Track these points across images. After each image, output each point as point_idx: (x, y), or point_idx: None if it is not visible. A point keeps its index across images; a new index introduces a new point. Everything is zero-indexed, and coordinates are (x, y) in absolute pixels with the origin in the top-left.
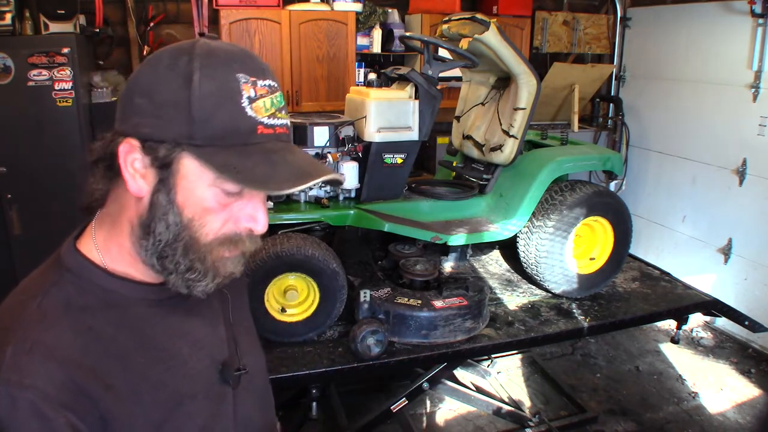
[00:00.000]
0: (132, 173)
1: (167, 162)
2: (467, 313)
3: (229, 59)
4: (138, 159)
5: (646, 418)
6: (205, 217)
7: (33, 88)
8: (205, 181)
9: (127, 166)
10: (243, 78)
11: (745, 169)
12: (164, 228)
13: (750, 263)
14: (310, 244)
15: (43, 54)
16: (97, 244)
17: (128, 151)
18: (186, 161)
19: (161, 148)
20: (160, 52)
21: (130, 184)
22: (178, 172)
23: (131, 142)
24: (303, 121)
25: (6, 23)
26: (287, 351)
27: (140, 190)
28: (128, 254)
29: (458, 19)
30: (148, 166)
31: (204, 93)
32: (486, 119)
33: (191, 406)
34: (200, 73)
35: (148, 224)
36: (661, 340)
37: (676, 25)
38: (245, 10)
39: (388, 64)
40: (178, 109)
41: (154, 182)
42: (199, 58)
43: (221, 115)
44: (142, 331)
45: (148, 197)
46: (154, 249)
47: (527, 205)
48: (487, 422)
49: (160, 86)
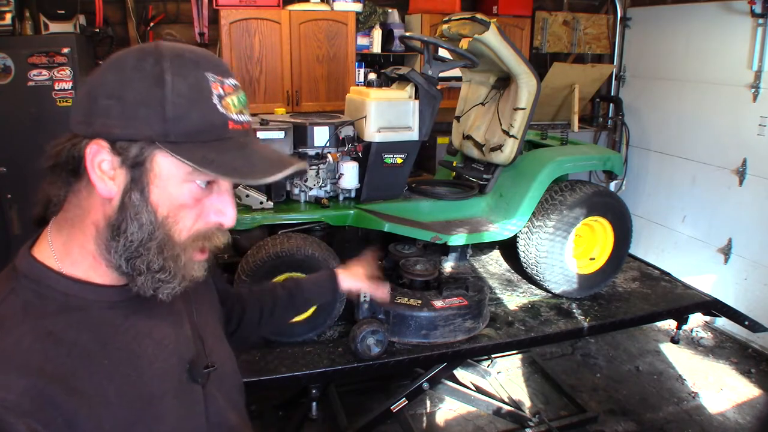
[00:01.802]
0: (100, 175)
1: (139, 161)
2: (467, 313)
3: (196, 60)
4: (107, 160)
5: (646, 418)
6: (179, 213)
7: (33, 88)
8: (179, 177)
9: (95, 167)
10: (211, 77)
11: (745, 169)
12: (137, 228)
13: (750, 263)
14: (310, 244)
15: (43, 54)
16: (54, 249)
17: (96, 152)
18: (159, 159)
19: (133, 147)
20: (122, 54)
21: (99, 186)
22: (151, 170)
23: (100, 143)
24: (303, 121)
25: (6, 23)
26: (287, 351)
27: (110, 191)
28: (91, 257)
29: (458, 19)
30: (118, 167)
31: (177, 91)
32: (486, 119)
33: (160, 406)
34: (171, 72)
35: (118, 225)
36: (661, 340)
37: (676, 25)
38: (245, 10)
39: (388, 64)
40: (151, 108)
41: (124, 182)
42: (167, 59)
43: (195, 113)
44: (105, 333)
45: (118, 198)
46: (124, 249)
47: (527, 205)
48: (487, 422)
49: (129, 87)
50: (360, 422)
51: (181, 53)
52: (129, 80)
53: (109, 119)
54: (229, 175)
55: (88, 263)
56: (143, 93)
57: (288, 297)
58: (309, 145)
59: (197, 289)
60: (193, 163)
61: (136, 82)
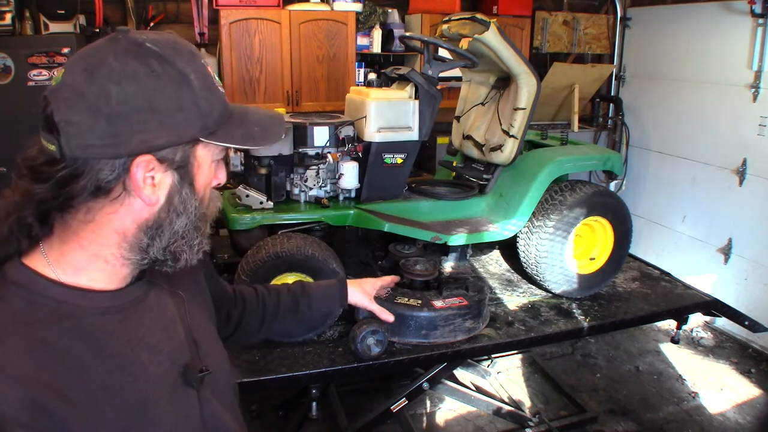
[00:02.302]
0: (150, 189)
1: (185, 161)
2: (467, 313)
3: (188, 49)
4: (156, 171)
5: (646, 418)
6: (207, 189)
7: (33, 88)
8: (211, 160)
9: (145, 184)
10: (204, 62)
11: (745, 169)
12: (184, 218)
13: (750, 263)
14: (310, 244)
15: (43, 54)
16: (49, 258)
17: (145, 169)
18: (199, 150)
19: (178, 151)
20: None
21: (149, 197)
22: (194, 163)
23: (147, 160)
24: (303, 121)
25: (6, 23)
26: (287, 351)
27: (157, 198)
28: (102, 261)
29: (458, 19)
30: (162, 173)
31: (199, 86)
32: (486, 119)
33: (155, 412)
34: (190, 70)
35: (159, 225)
36: (661, 340)
37: (676, 25)
38: (245, 10)
39: (388, 64)
40: (186, 109)
41: (170, 184)
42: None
43: (215, 100)
44: (98, 339)
45: (162, 201)
46: (167, 241)
47: (527, 205)
48: (487, 422)
49: (156, 96)
50: (360, 422)
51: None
52: (153, 88)
53: (148, 133)
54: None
55: (96, 267)
56: (174, 98)
57: (293, 303)
58: (309, 145)
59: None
60: (237, 144)
61: (162, 89)
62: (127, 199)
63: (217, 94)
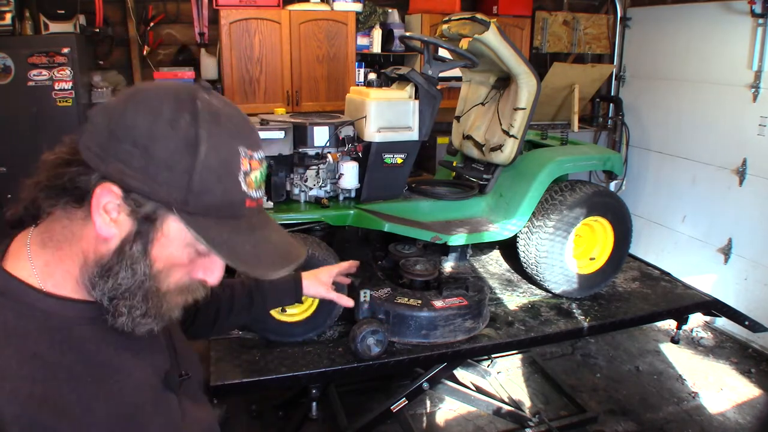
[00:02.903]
0: (104, 217)
1: (150, 218)
2: (467, 313)
3: (233, 130)
4: (115, 205)
5: (646, 418)
6: (171, 269)
7: (33, 88)
8: (184, 241)
9: (99, 209)
10: (243, 152)
11: (745, 169)
12: (130, 275)
13: (750, 263)
14: (310, 244)
15: (43, 54)
16: (35, 267)
17: (104, 195)
18: (171, 222)
19: (148, 204)
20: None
21: (101, 227)
22: (159, 229)
23: (112, 190)
24: (303, 121)
25: (6, 23)
26: (287, 351)
27: (109, 233)
28: (74, 280)
29: (458, 19)
30: (125, 214)
31: (207, 164)
32: (486, 119)
33: (142, 418)
34: (207, 144)
35: (109, 267)
36: (661, 340)
37: (676, 25)
38: (245, 10)
39: (388, 64)
40: (176, 173)
41: (128, 231)
42: (204, 123)
43: (219, 188)
44: (86, 350)
45: (117, 242)
46: (110, 290)
47: (527, 205)
48: (487, 422)
49: (159, 143)
50: (360, 422)
51: (218, 116)
52: (161, 135)
53: (128, 168)
54: (234, 263)
55: (70, 285)
56: (172, 155)
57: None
58: (309, 145)
59: None
60: (206, 241)
61: (167, 140)
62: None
63: (228, 185)
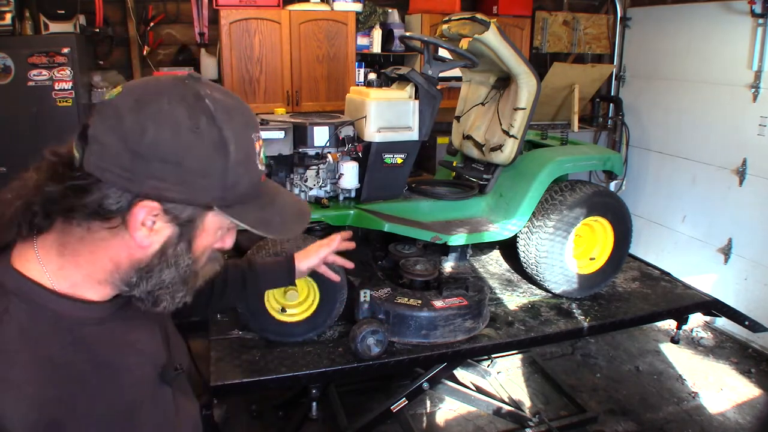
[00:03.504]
0: (144, 231)
1: (191, 220)
2: (467, 313)
3: (244, 120)
4: (158, 219)
5: (646, 418)
6: (205, 252)
7: (33, 88)
8: (219, 227)
9: (143, 225)
10: (254, 137)
11: (745, 169)
12: (174, 271)
13: (750, 263)
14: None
15: (43, 54)
16: (47, 270)
17: (149, 213)
18: (209, 217)
19: (187, 210)
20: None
21: (142, 239)
22: (200, 227)
23: (152, 206)
24: (303, 121)
25: (6, 23)
26: (287, 351)
27: (150, 243)
28: (95, 282)
29: (458, 19)
30: (164, 222)
31: (237, 161)
32: (486, 119)
33: (141, 413)
34: (234, 142)
35: (150, 268)
36: (661, 340)
37: (676, 25)
38: (245, 10)
39: (388, 64)
40: (212, 177)
41: (168, 236)
42: (222, 122)
43: (246, 177)
44: (95, 350)
45: (157, 247)
46: (153, 286)
47: (527, 205)
48: (487, 422)
49: (188, 153)
50: (360, 422)
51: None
52: (188, 145)
53: (164, 183)
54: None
55: (88, 286)
56: (205, 162)
57: (240, 280)
58: (309, 145)
59: None
60: (246, 224)
61: (196, 149)
62: (122, 233)
63: (251, 170)
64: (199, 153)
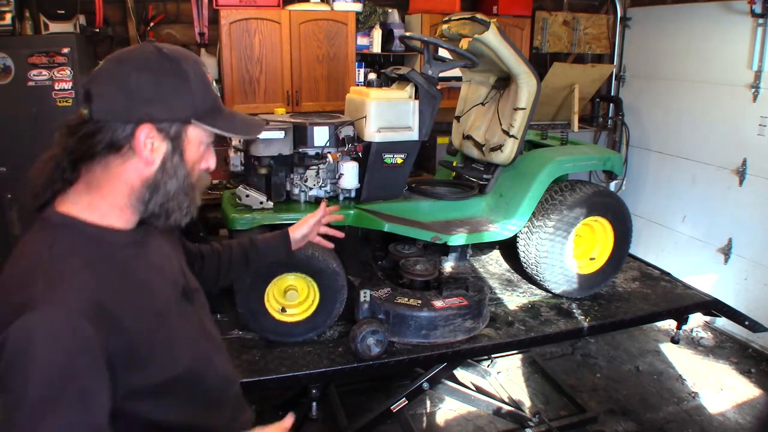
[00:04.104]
0: (147, 150)
1: (177, 134)
2: (467, 313)
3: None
4: (154, 138)
5: (646, 418)
6: (196, 165)
7: (33, 88)
8: (199, 140)
9: (142, 145)
10: (204, 70)
11: (745, 169)
12: (175, 181)
13: (750, 263)
14: (310, 244)
15: (43, 54)
16: (80, 208)
17: (147, 134)
18: (190, 130)
19: (173, 127)
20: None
21: (147, 156)
22: (185, 139)
23: (147, 127)
24: (303, 121)
25: (6, 23)
26: (287, 351)
27: (153, 159)
28: (118, 209)
29: (458, 19)
30: (160, 141)
31: (196, 84)
32: (486, 119)
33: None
34: (191, 72)
35: (156, 183)
36: (661, 340)
37: (676, 25)
38: (245, 10)
39: (388, 64)
40: (182, 97)
41: (165, 151)
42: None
43: (209, 96)
44: (128, 268)
45: (159, 163)
46: (162, 198)
47: (527, 205)
48: (487, 422)
49: (162, 85)
50: (360, 422)
51: (180, 52)
52: (160, 79)
53: (151, 107)
54: (239, 134)
55: (115, 214)
56: (176, 87)
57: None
58: (309, 145)
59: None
60: (219, 129)
61: (166, 80)
62: (132, 158)
63: (210, 92)
64: (168, 82)
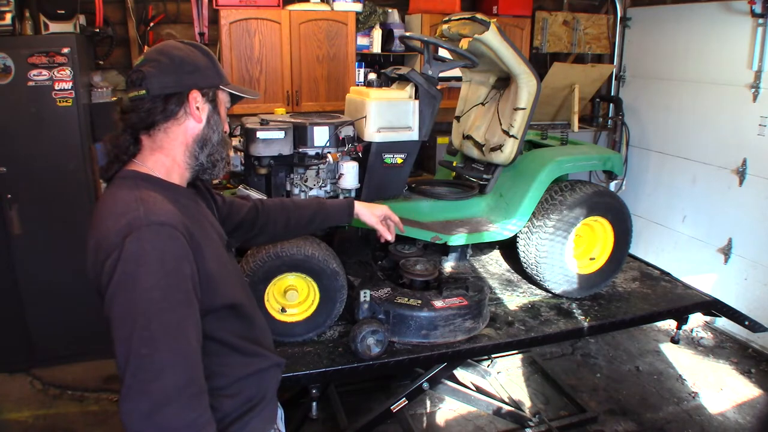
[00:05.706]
0: (197, 111)
1: (214, 97)
2: (467, 313)
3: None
4: (201, 101)
5: (646, 418)
6: (224, 124)
7: (33, 88)
8: (224, 102)
9: (194, 108)
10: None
11: (745, 169)
12: (217, 136)
13: (750, 263)
14: (310, 244)
15: (43, 54)
16: (149, 166)
17: (195, 97)
18: (221, 95)
19: (210, 91)
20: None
21: (198, 117)
22: (220, 102)
23: (195, 92)
24: (303, 121)
25: (6, 23)
26: (287, 351)
27: (201, 119)
28: (178, 167)
29: (458, 19)
30: (204, 103)
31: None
32: (486, 119)
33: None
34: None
35: (205, 138)
36: (661, 340)
37: (676, 25)
38: (245, 10)
39: (388, 64)
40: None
41: (208, 111)
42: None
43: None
44: (192, 213)
45: (205, 120)
46: (210, 150)
47: (527, 205)
48: (487, 422)
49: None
50: (360, 422)
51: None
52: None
53: (194, 77)
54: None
55: (175, 171)
56: (205, 61)
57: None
58: (309, 145)
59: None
60: (237, 92)
61: (199, 56)
62: (186, 120)
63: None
64: (199, 58)
